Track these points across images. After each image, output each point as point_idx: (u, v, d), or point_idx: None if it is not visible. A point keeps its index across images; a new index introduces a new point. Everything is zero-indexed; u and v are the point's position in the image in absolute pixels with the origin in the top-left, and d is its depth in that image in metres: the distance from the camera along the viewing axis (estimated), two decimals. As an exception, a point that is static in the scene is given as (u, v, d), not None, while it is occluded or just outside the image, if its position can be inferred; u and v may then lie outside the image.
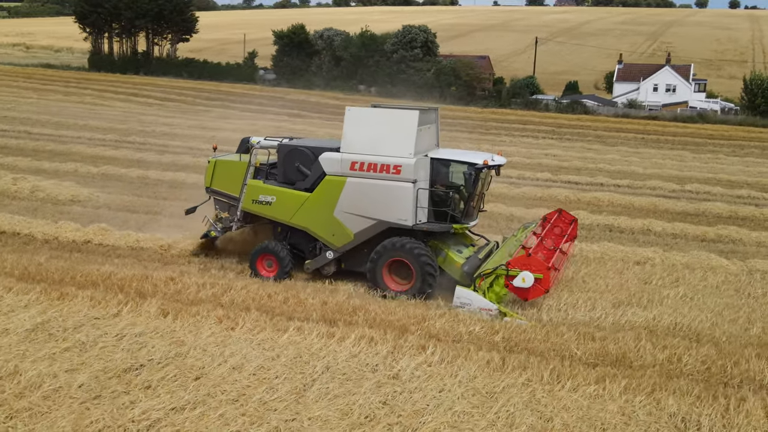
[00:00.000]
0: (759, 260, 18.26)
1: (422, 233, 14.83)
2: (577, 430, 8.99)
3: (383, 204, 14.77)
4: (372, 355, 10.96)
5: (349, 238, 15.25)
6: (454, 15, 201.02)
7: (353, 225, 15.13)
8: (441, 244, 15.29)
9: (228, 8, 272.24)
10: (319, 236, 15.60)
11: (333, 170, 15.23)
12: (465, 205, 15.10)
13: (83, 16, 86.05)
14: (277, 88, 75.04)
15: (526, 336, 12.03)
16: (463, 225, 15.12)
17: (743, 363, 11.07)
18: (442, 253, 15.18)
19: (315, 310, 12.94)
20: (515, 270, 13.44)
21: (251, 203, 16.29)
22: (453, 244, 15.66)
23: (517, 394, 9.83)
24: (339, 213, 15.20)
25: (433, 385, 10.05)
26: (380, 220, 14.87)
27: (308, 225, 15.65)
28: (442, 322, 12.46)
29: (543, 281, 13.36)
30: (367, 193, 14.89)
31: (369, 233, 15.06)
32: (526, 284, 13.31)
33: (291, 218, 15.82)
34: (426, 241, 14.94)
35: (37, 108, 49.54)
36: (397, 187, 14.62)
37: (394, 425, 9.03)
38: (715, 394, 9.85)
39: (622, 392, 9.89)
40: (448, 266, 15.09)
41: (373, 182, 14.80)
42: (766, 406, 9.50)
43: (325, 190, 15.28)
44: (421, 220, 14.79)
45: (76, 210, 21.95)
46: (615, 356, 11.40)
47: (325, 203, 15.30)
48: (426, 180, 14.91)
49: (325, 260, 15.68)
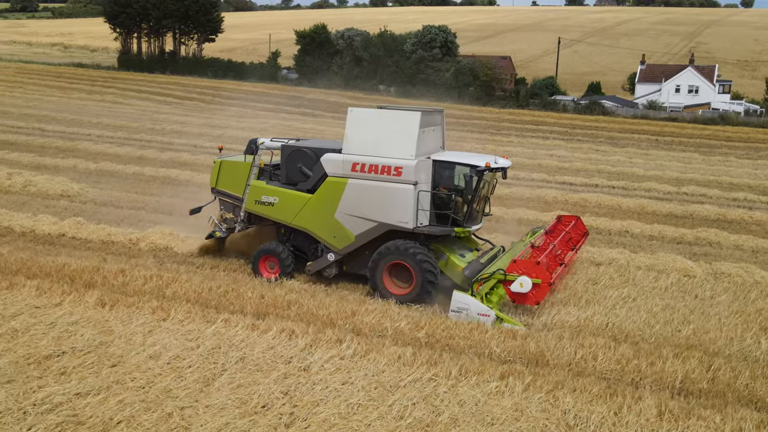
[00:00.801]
0: (728, 263, 18.05)
1: (424, 236, 14.57)
2: (463, 423, 9.11)
3: (384, 206, 14.54)
4: (290, 347, 11.21)
5: (350, 240, 15.03)
6: (488, 15, 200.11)
7: (354, 227, 14.91)
8: (443, 248, 15.06)
9: (265, 8, 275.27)
10: (320, 238, 15.41)
11: (334, 171, 15.03)
12: (467, 209, 14.72)
13: (113, 16, 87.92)
14: (297, 88, 75.74)
15: (449, 333, 12.17)
16: (465, 228, 14.74)
17: (658, 363, 11.06)
18: (444, 256, 14.92)
19: (250, 304, 13.26)
20: (513, 275, 13.25)
21: (254, 204, 16.21)
22: (457, 248, 15.41)
23: (418, 388, 10.00)
24: (340, 215, 15.00)
25: (339, 378, 10.26)
26: (381, 223, 14.63)
27: (310, 226, 15.49)
28: (370, 317, 12.66)
29: (539, 291, 13.14)
30: (368, 194, 14.66)
31: (370, 235, 14.81)
32: (523, 289, 13.10)
33: (293, 219, 15.68)
34: (428, 244, 14.73)
35: (57, 106, 50.84)
36: (398, 189, 14.38)
37: (285, 414, 9.27)
38: (614, 392, 9.90)
39: (524, 389, 9.98)
40: (450, 270, 14.81)
41: (374, 184, 14.57)
42: (659, 406, 9.52)
43: (327, 191, 15.11)
44: (423, 222, 14.53)
45: (62, 204, 22.60)
46: (532, 354, 11.47)
47: (327, 205, 15.12)
48: (428, 182, 14.66)
49: (327, 262, 15.46)
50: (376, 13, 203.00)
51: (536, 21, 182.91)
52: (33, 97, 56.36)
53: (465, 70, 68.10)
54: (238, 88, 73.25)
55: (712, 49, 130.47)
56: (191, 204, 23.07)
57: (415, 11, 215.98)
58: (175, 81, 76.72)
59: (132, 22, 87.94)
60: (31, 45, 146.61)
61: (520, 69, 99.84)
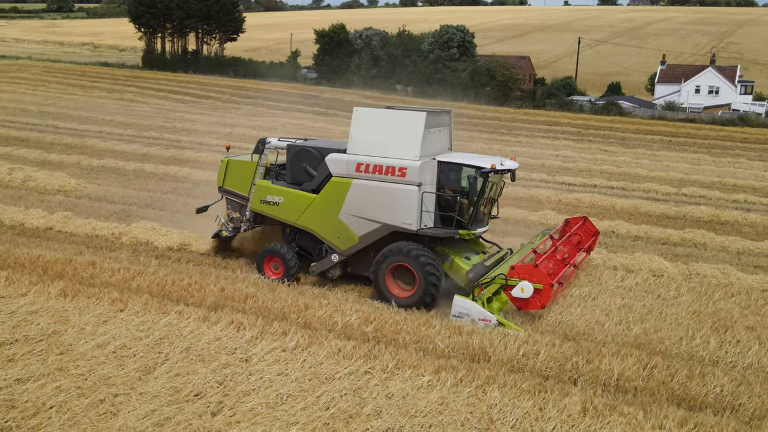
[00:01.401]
0: (706, 264, 17.93)
1: (429, 238, 14.41)
2: (386, 415, 9.27)
3: (388, 207, 14.37)
4: (236, 339, 11.46)
5: (353, 241, 14.90)
6: (515, 15, 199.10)
7: (358, 228, 14.78)
8: (448, 250, 14.83)
9: (296, 8, 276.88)
10: (324, 238, 15.32)
11: (339, 171, 14.92)
12: (472, 211, 14.48)
13: (138, 16, 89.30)
14: (316, 87, 76.22)
15: (397, 328, 12.33)
16: (470, 231, 14.46)
17: (596, 361, 11.11)
18: (449, 259, 14.71)
19: (210, 296, 13.56)
20: (514, 280, 13.04)
21: (259, 203, 16.16)
22: (462, 251, 15.16)
23: (351, 381, 10.19)
24: (344, 215, 14.88)
25: (275, 369, 10.49)
26: (384, 224, 14.47)
27: (314, 227, 15.39)
28: (322, 311, 12.86)
29: (542, 295, 12.86)
30: (372, 195, 14.52)
31: (373, 237, 14.68)
32: (524, 294, 12.85)
33: (297, 219, 15.61)
34: (433, 246, 14.57)
35: (75, 104, 51.87)
36: (402, 190, 14.21)
37: (214, 403, 9.53)
38: (544, 388, 9.98)
39: (455, 384, 10.11)
40: (454, 273, 14.61)
41: (378, 184, 14.42)
42: (585, 402, 9.58)
43: (331, 191, 15.01)
44: (427, 224, 14.34)
45: (57, 199, 23.18)
46: (474, 350, 11.59)
47: (331, 205, 15.01)
48: (432, 184, 14.50)
49: (330, 263, 15.39)
50: (404, 13, 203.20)
51: (564, 21, 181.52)
52: (54, 95, 57.56)
53: (481, 70, 67.96)
54: (257, 87, 73.94)
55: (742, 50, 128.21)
56: (184, 199, 23.66)
57: (443, 11, 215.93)
58: (195, 80, 77.69)
59: (156, 22, 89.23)
60: (62, 44, 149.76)
61: (543, 69, 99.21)
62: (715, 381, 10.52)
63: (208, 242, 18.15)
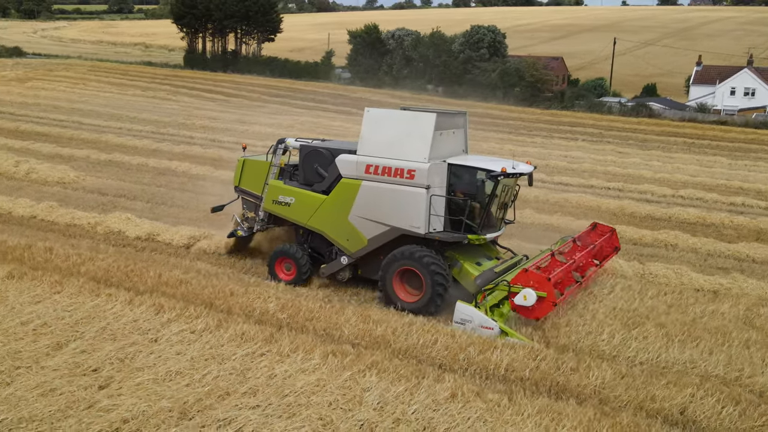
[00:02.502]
0: (665, 264, 17.89)
1: (438, 242, 14.06)
2: (260, 393, 9.74)
3: (396, 210, 14.14)
4: (152, 321, 12.11)
5: (362, 243, 14.68)
6: (566, 15, 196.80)
7: (367, 230, 14.57)
8: (458, 255, 14.48)
9: (348, 9, 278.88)
10: (334, 240, 15.15)
11: (349, 173, 14.75)
12: (483, 215, 14.13)
13: (180, 16, 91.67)
14: (348, 87, 77.02)
15: (311, 315, 12.82)
16: (480, 236, 14.08)
17: (488, 351, 11.39)
18: (458, 264, 14.40)
19: (146, 282, 14.26)
20: (517, 286, 12.57)
21: (271, 203, 16.07)
22: (474, 256, 14.80)
23: (242, 362, 10.71)
24: (353, 217, 14.69)
25: (177, 349, 11.10)
26: (393, 227, 14.24)
27: (324, 228, 15.24)
28: (244, 299, 13.44)
29: (543, 305, 12.37)
30: (381, 197, 14.31)
31: (382, 240, 14.44)
32: (527, 302, 12.33)
33: (308, 221, 15.47)
34: (442, 251, 14.23)
35: (107, 101, 53.71)
36: (410, 192, 13.96)
37: (104, 377, 10.16)
38: (423, 374, 10.33)
39: (340, 367, 10.54)
40: (463, 278, 14.23)
41: (387, 186, 14.20)
42: (455, 388, 9.88)
43: (341, 192, 14.85)
44: (436, 228, 14.03)
45: (54, 190, 24.34)
46: (376, 338, 12.00)
47: (341, 206, 14.84)
48: (442, 186, 14.18)
49: (340, 265, 15.21)
50: (453, 14, 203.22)
51: (615, 21, 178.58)
52: (90, 93, 59.68)
53: (511, 70, 67.69)
54: (290, 86, 75.14)
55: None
56: (173, 192, 24.54)
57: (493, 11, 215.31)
58: (231, 79, 79.37)
59: (198, 22, 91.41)
60: (115, 45, 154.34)
61: (585, 70, 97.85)
62: (598, 373, 10.70)
63: (179, 234, 18.95)
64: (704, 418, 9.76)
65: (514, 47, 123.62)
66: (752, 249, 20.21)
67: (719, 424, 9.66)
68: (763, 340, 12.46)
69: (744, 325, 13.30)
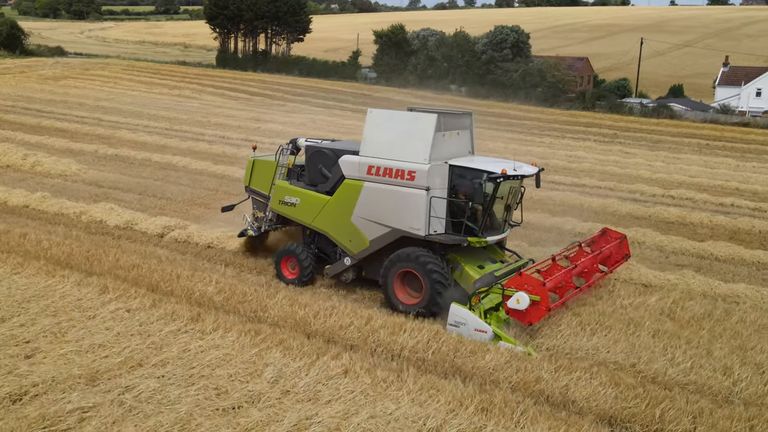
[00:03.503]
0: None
1: (439, 245, 14.02)
2: (170, 365, 10.59)
3: (397, 211, 14.14)
4: (95, 300, 13.08)
5: (365, 245, 14.72)
6: (608, 15, 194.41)
7: (369, 231, 14.60)
8: (460, 258, 14.42)
9: (390, 9, 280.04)
10: (337, 241, 15.23)
11: (351, 174, 14.80)
12: (483, 217, 13.95)
13: (212, 17, 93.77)
14: (373, 86, 77.86)
15: (244, 299, 13.63)
16: (481, 239, 13.94)
17: (396, 334, 12.06)
18: (459, 267, 14.33)
19: (103, 265, 15.24)
20: (511, 290, 12.47)
21: (278, 204, 16.23)
22: (477, 259, 14.66)
23: (163, 337, 11.59)
24: (356, 218, 14.74)
25: (108, 324, 12.03)
26: (394, 228, 14.24)
27: (327, 229, 15.35)
28: (188, 282, 14.33)
29: (537, 310, 12.21)
30: (382, 198, 14.33)
31: (383, 241, 14.45)
32: (520, 306, 12.16)
33: (312, 221, 15.57)
34: (444, 253, 14.21)
35: (132, 99, 55.47)
36: (410, 194, 13.95)
37: (31, 348, 11.11)
38: (323, 352, 11.03)
39: (251, 345, 11.36)
40: (464, 281, 14.12)
41: (388, 188, 14.22)
42: (348, 365, 10.60)
43: (344, 193, 14.91)
44: (437, 230, 13.97)
45: (54, 182, 25.64)
46: (297, 320, 12.79)
47: (344, 207, 14.90)
48: (443, 188, 14.10)
49: (343, 266, 15.26)
50: (491, 14, 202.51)
51: (657, 21, 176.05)
52: (118, 91, 61.62)
53: (533, 71, 67.69)
54: (315, 85, 76.28)
55: None
56: (165, 185, 25.60)
57: (534, 12, 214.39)
58: (259, 78, 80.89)
59: (230, 22, 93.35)
60: (157, 45, 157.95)
61: (618, 71, 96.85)
62: (494, 357, 11.27)
63: (155, 224, 19.94)
64: (581, 399, 10.26)
65: (550, 47, 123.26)
66: (718, 248, 20.34)
67: (594, 404, 10.15)
68: (675, 331, 12.83)
69: (662, 316, 13.64)
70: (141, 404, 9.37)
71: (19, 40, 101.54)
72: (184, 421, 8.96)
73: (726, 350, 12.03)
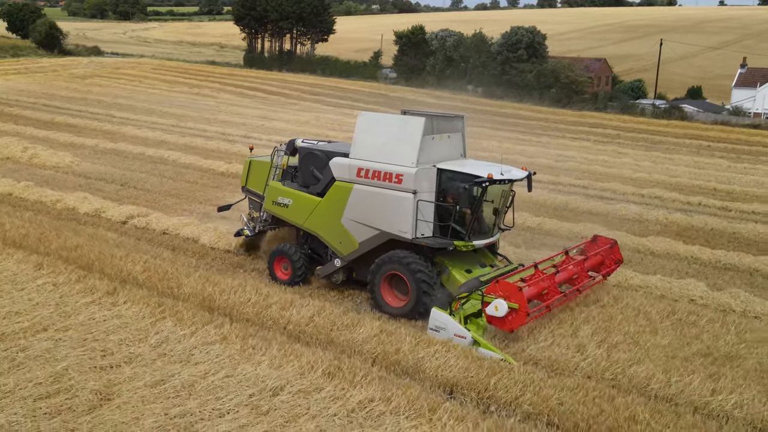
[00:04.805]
0: (546, 250, 18.81)
1: (428, 248, 14.11)
2: (71, 330, 11.89)
3: (385, 214, 14.29)
4: (29, 275, 14.48)
5: (354, 246, 14.89)
6: (646, 15, 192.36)
7: (358, 233, 14.77)
8: (447, 262, 14.47)
9: (429, 10, 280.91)
10: (327, 242, 15.43)
11: (342, 176, 14.98)
12: (471, 221, 14.06)
13: (240, 18, 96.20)
14: (390, 86, 78.99)
15: (164, 276, 14.94)
16: (468, 243, 14.00)
17: (286, 310, 13.23)
18: (447, 270, 14.38)
19: (51, 245, 16.67)
20: (490, 296, 12.44)
21: (271, 204, 16.46)
22: (465, 263, 14.71)
23: (75, 307, 12.90)
24: (346, 220, 14.92)
25: (31, 296, 13.44)
26: (382, 231, 14.39)
27: (318, 230, 15.55)
28: (121, 262, 15.66)
29: (515, 317, 12.15)
30: (371, 201, 14.49)
31: (372, 243, 14.61)
32: (498, 313, 12.15)
33: (304, 222, 15.79)
34: (432, 256, 14.32)
35: (149, 97, 57.58)
36: (398, 197, 14.08)
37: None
38: (207, 322, 12.26)
39: (150, 315, 12.58)
40: (451, 285, 14.18)
41: (377, 190, 14.37)
42: (226, 333, 11.87)
43: (334, 195, 15.12)
44: (424, 233, 14.07)
45: (47, 173, 27.38)
46: (205, 296, 14.03)
47: (334, 209, 15.10)
48: (431, 192, 14.17)
49: (333, 268, 15.45)
50: (528, 15, 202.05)
51: (695, 22, 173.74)
52: (139, 90, 63.91)
53: (547, 71, 68.04)
54: (334, 85, 77.73)
55: None
56: (148, 177, 27.11)
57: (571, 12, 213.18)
58: (281, 78, 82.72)
59: (257, 23, 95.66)
60: (194, 45, 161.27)
61: (647, 72, 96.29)
62: (364, 330, 12.41)
63: (120, 212, 21.42)
64: (431, 369, 11.35)
65: (582, 48, 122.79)
66: (657, 243, 20.94)
67: (441, 373, 11.20)
68: (553, 314, 13.66)
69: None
70: (28, 361, 10.68)
71: (57, 40, 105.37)
72: (58, 375, 10.23)
73: (590, 331, 12.86)
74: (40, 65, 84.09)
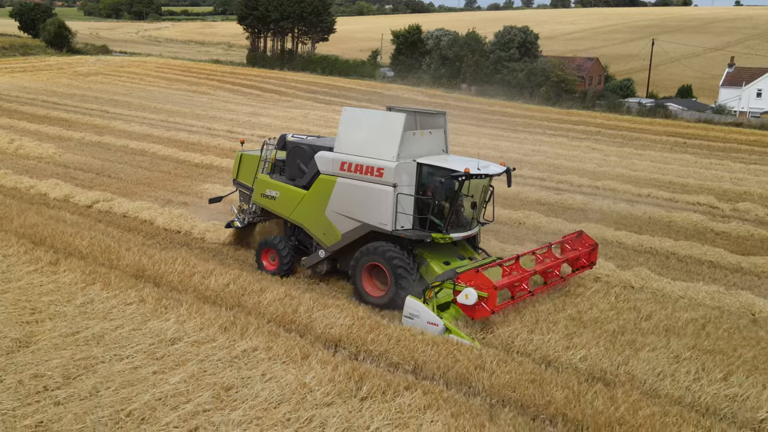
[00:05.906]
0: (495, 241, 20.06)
1: (408, 240, 14.65)
2: (8, 294, 13.42)
3: (366, 206, 14.83)
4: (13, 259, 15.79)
5: (337, 238, 15.44)
6: (655, 16, 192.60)
7: (341, 225, 15.33)
8: (426, 254, 14.97)
9: (444, 10, 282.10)
10: (312, 234, 16.02)
11: (326, 169, 15.50)
12: (448, 215, 14.59)
13: (243, 17, 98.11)
14: (387, 84, 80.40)
15: (107, 249, 16.45)
16: (445, 235, 14.52)
17: (207, 278, 14.68)
18: (425, 262, 14.90)
19: (11, 224, 18.23)
20: (461, 285, 12.98)
21: (260, 197, 17.06)
22: (444, 255, 15.20)
23: (16, 274, 14.49)
24: (329, 212, 15.47)
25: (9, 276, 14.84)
26: (364, 223, 14.93)
27: (304, 222, 16.14)
28: (72, 238, 17.19)
29: (488, 302, 12.67)
30: (353, 194, 15.01)
31: (354, 235, 15.15)
32: (468, 301, 12.68)
33: (290, 214, 16.37)
34: (411, 248, 14.83)
35: (146, 94, 59.35)
36: (378, 190, 14.60)
37: None
38: (131, 287, 13.74)
39: (82, 281, 14.13)
40: (429, 276, 14.70)
41: (359, 183, 14.91)
42: (144, 295, 13.33)
43: (319, 188, 15.64)
44: (404, 226, 14.59)
45: (29, 163, 29.07)
46: (139, 267, 15.53)
47: (318, 202, 15.65)
48: (410, 185, 14.66)
49: (318, 258, 15.98)
50: (553, 15, 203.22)
51: (704, 22, 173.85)
52: (138, 87, 65.70)
53: (537, 70, 69.26)
54: (331, 83, 79.25)
55: None
56: (124, 167, 28.71)
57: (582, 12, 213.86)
58: (280, 76, 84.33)
59: (259, 23, 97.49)
60: (203, 44, 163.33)
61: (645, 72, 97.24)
62: (269, 296, 13.88)
63: (86, 197, 22.98)
64: (321, 327, 12.86)
65: (586, 48, 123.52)
66: (588, 229, 22.13)
67: (329, 331, 12.67)
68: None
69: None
70: (-38, 317, 12.24)
71: (66, 39, 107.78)
72: (-15, 327, 11.78)
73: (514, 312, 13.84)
74: (47, 63, 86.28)
